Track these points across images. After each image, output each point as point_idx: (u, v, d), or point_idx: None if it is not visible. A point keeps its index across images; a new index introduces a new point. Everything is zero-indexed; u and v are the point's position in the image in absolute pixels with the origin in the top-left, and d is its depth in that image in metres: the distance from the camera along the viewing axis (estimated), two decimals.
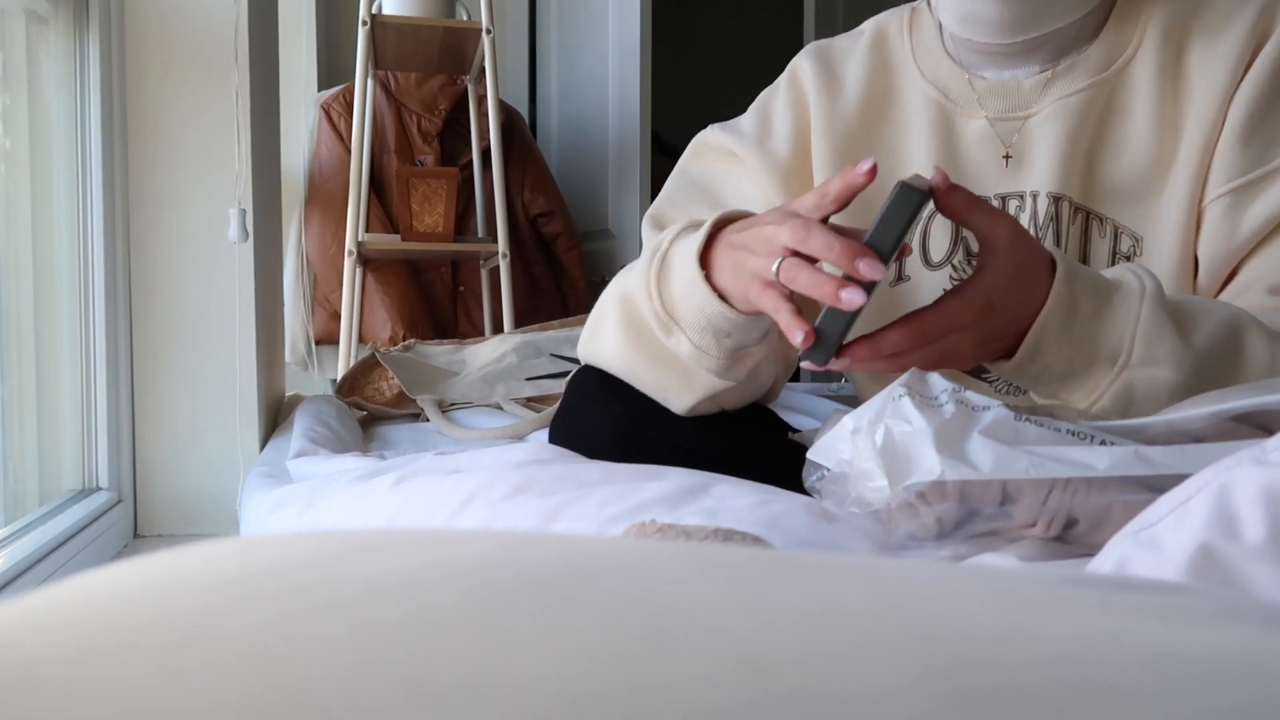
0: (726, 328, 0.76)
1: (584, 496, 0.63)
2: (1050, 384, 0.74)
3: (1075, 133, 0.89)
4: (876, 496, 0.56)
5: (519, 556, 0.22)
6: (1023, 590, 0.23)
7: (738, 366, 0.80)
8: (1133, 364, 0.70)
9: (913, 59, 0.97)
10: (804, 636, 0.18)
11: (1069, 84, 0.89)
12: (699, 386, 0.82)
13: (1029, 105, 0.91)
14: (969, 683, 0.17)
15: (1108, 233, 0.90)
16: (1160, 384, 0.70)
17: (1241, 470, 0.35)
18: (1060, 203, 0.89)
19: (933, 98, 0.95)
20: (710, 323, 0.77)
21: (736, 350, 0.78)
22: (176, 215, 1.61)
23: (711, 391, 0.82)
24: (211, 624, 0.18)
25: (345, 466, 1.01)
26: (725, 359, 0.78)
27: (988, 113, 0.93)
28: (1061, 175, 0.89)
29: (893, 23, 1.01)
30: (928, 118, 0.95)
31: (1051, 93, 0.90)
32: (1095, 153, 0.90)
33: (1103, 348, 0.71)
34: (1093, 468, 0.52)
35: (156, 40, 1.60)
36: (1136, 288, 0.71)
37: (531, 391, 1.68)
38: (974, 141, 0.93)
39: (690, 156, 1.07)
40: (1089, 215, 0.90)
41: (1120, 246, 0.90)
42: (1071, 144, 0.89)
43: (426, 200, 2.27)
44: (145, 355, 1.61)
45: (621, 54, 2.73)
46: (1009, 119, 0.92)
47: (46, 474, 1.49)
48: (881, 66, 0.99)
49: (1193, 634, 0.21)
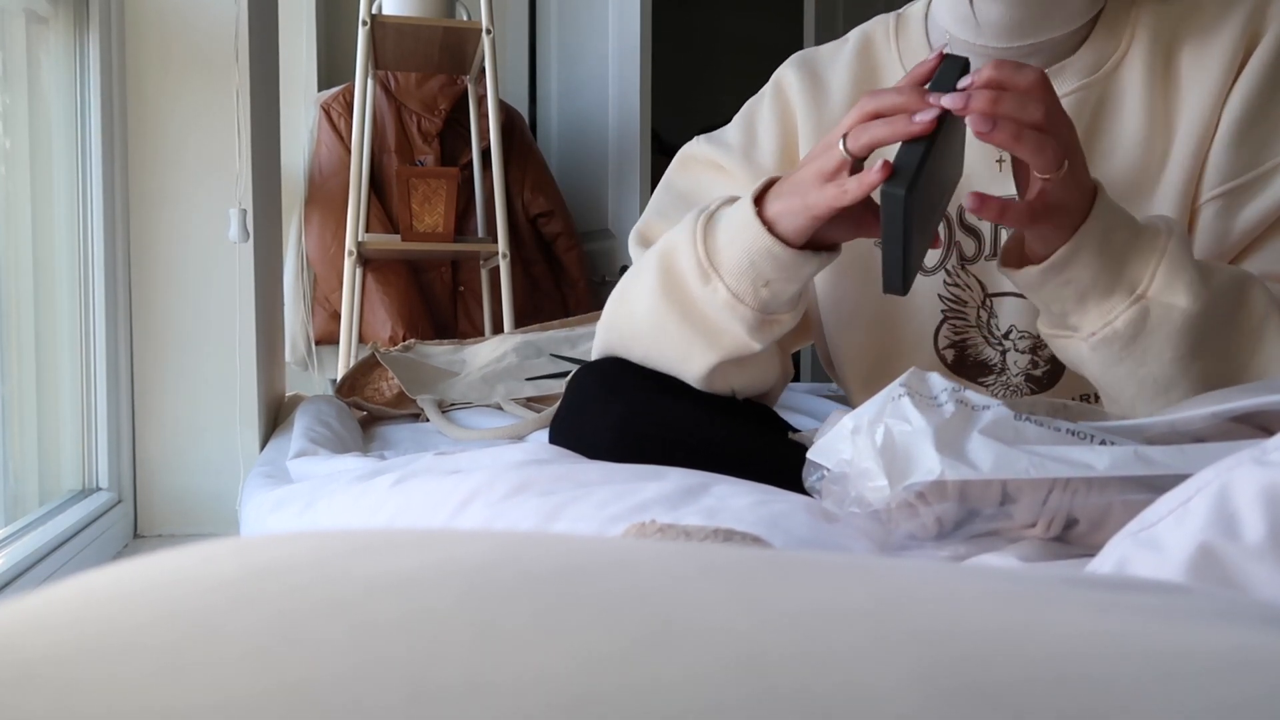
0: (767, 271, 0.78)
1: (584, 496, 0.63)
2: (1066, 301, 0.76)
3: None
4: (876, 496, 0.56)
5: (519, 556, 0.22)
6: (1023, 590, 0.23)
7: (765, 328, 0.82)
8: (1152, 292, 0.73)
9: (900, 64, 0.97)
10: (804, 635, 0.18)
11: (1059, 87, 0.89)
12: (725, 345, 0.83)
13: None
14: (969, 682, 0.17)
15: None
16: (1175, 313, 0.72)
17: (1242, 470, 0.35)
18: None
19: None
20: (753, 264, 0.79)
21: (771, 304, 0.80)
22: (177, 215, 1.61)
23: (734, 353, 0.83)
24: (212, 624, 0.18)
25: (345, 466, 1.01)
26: (758, 311, 0.80)
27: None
28: None
29: (879, 29, 1.01)
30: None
31: None
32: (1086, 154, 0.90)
33: (1127, 271, 0.73)
34: (1093, 467, 0.52)
35: (157, 40, 1.60)
36: (1164, 228, 0.74)
37: (531, 391, 1.68)
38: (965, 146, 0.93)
39: (676, 169, 1.06)
40: None
41: None
42: None
43: (426, 200, 2.27)
44: (145, 355, 1.61)
45: (621, 54, 2.73)
46: None
47: (46, 474, 1.49)
48: (868, 74, 0.99)
49: (1193, 634, 0.21)
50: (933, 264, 0.94)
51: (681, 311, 0.85)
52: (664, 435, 0.83)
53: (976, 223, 0.93)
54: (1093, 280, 0.73)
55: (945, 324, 0.95)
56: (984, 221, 0.92)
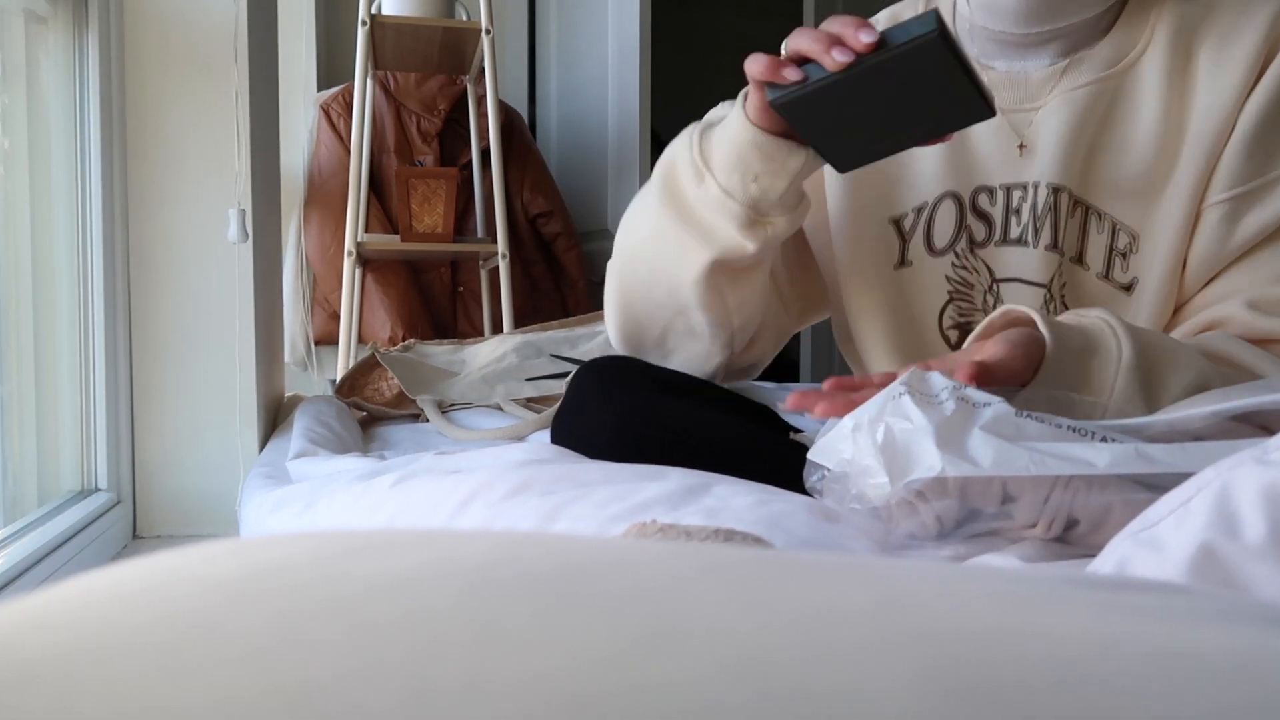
0: (755, 164, 0.82)
1: (584, 496, 0.63)
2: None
3: (1079, 126, 0.90)
4: (877, 494, 0.56)
5: (519, 556, 0.22)
6: (1024, 591, 0.23)
7: (757, 228, 0.85)
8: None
9: None
10: (805, 636, 0.18)
11: (1076, 77, 0.90)
12: (718, 241, 0.87)
13: (1037, 97, 0.93)
14: (970, 683, 0.17)
15: (1105, 228, 0.91)
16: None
17: (1243, 470, 0.35)
18: (1059, 194, 0.90)
19: None
20: (740, 158, 0.83)
21: (761, 201, 0.84)
22: (176, 215, 1.61)
23: (728, 251, 0.87)
24: (211, 624, 0.18)
25: (345, 467, 1.01)
26: (748, 208, 0.84)
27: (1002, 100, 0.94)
28: (1063, 167, 0.90)
29: (907, 11, 1.03)
30: None
31: (1059, 86, 0.91)
32: (1097, 147, 0.91)
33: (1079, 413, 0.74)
34: (1093, 465, 0.52)
35: (156, 40, 1.60)
36: (1115, 354, 0.72)
37: (531, 392, 1.68)
38: (983, 130, 0.94)
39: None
40: (1088, 210, 0.91)
41: (1117, 243, 0.91)
42: (1075, 137, 0.90)
43: (426, 200, 2.27)
44: (144, 356, 1.60)
45: (621, 54, 2.73)
46: (1019, 110, 0.93)
47: (45, 475, 1.49)
48: None
49: (1194, 635, 0.21)
50: (942, 245, 0.96)
51: (678, 213, 0.89)
52: (663, 435, 0.84)
53: (988, 207, 0.94)
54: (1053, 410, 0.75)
55: (951, 305, 0.97)
56: (995, 206, 0.94)
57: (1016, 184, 0.93)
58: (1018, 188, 0.93)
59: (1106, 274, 0.92)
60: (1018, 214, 0.93)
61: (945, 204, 0.95)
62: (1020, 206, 0.92)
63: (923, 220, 0.97)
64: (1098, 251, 0.91)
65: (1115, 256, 0.91)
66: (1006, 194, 0.93)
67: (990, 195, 0.94)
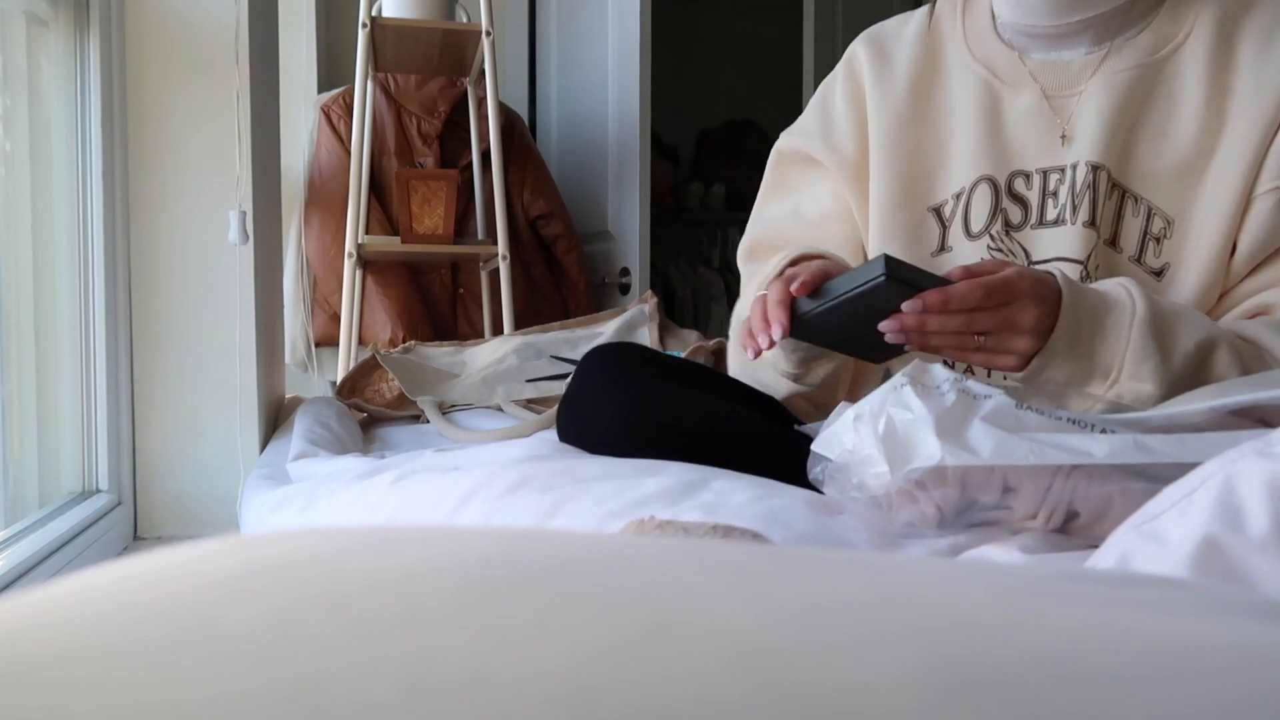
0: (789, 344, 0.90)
1: (583, 492, 0.63)
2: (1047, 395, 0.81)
3: (1120, 109, 0.91)
4: (877, 482, 0.56)
5: (518, 552, 0.22)
6: (1024, 584, 0.23)
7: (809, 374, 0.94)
8: (1122, 379, 0.79)
9: (964, 41, 1.01)
10: (804, 630, 0.18)
11: (1119, 62, 0.93)
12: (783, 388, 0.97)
13: (1078, 83, 0.95)
14: (971, 676, 0.17)
15: (1141, 212, 0.92)
16: (1144, 396, 0.79)
17: (1246, 463, 0.35)
18: (1099, 172, 0.91)
19: (981, 76, 0.99)
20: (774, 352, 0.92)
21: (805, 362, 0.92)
22: (177, 217, 1.61)
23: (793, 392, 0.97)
24: (209, 619, 0.18)
25: (345, 467, 1.01)
26: (797, 368, 0.93)
27: (1037, 88, 0.96)
28: (1103, 147, 0.92)
29: (946, 6, 1.05)
30: (975, 96, 0.98)
31: (1101, 70, 0.93)
32: (1137, 132, 0.92)
33: (1098, 364, 0.79)
34: (1092, 455, 0.52)
35: (157, 42, 1.60)
36: (1129, 310, 0.78)
37: (532, 393, 1.68)
38: (1021, 117, 0.96)
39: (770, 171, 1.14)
40: (1124, 193, 0.92)
41: (1152, 227, 0.92)
42: (1116, 119, 0.91)
43: (426, 202, 2.27)
44: (145, 357, 1.60)
45: (621, 56, 2.73)
46: (1060, 96, 0.95)
47: (46, 476, 1.49)
48: (932, 49, 1.03)
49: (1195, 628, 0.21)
50: (978, 228, 0.98)
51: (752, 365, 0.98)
52: (665, 421, 0.85)
53: (1024, 191, 0.96)
54: (1069, 377, 0.79)
55: None
56: (1031, 190, 0.96)
57: (1054, 168, 0.95)
58: (1055, 171, 0.95)
59: (1139, 258, 0.93)
60: (1054, 196, 0.94)
61: (981, 188, 0.97)
62: (1058, 189, 0.94)
63: (960, 205, 0.99)
64: (1132, 235, 0.93)
65: (1149, 241, 0.92)
66: (1043, 178, 0.95)
67: (1027, 180, 0.96)
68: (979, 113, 0.97)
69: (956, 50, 1.01)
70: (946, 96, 1.01)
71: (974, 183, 0.97)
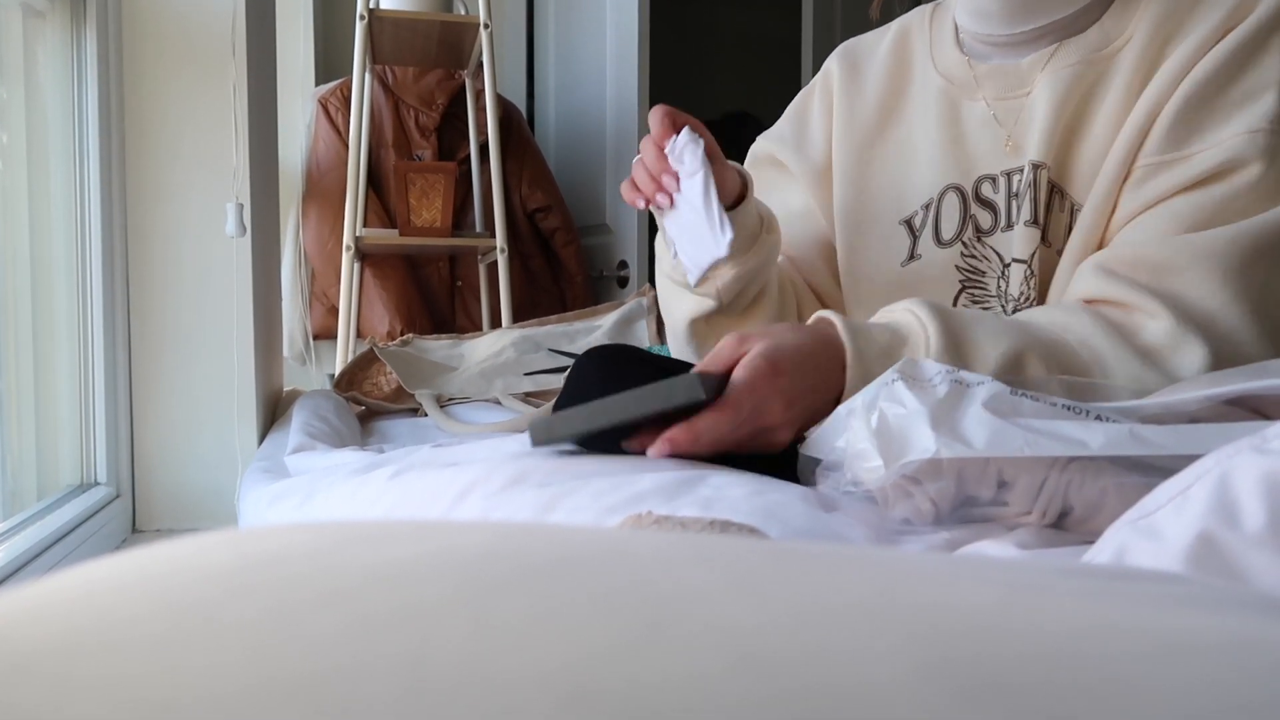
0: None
1: (580, 488, 0.63)
2: None
3: (1061, 105, 0.92)
4: (872, 477, 0.56)
5: (515, 547, 0.22)
6: (1022, 581, 0.23)
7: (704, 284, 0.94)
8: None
9: (929, 52, 1.02)
10: (802, 627, 0.18)
11: (1064, 58, 0.93)
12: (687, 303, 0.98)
13: (1026, 84, 0.95)
14: (969, 673, 0.17)
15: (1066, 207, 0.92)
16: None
17: (1242, 458, 0.35)
18: (1039, 170, 0.92)
19: (941, 87, 1.00)
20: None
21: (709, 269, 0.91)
22: (174, 210, 1.61)
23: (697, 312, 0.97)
24: (207, 615, 0.18)
25: (343, 460, 1.01)
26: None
27: (985, 94, 0.97)
28: (1044, 146, 0.92)
29: (915, 20, 1.06)
30: (937, 107, 0.99)
31: (1049, 67, 0.93)
32: (1073, 129, 0.93)
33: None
34: (1087, 445, 0.52)
35: (154, 35, 1.60)
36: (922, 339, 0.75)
37: (530, 386, 1.68)
38: (976, 124, 0.97)
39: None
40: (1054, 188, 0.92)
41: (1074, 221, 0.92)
42: (1057, 116, 0.92)
43: (424, 195, 2.27)
44: (143, 350, 1.60)
45: (619, 49, 2.73)
46: (1009, 99, 0.96)
47: (45, 469, 1.49)
48: (900, 63, 1.05)
49: (1191, 623, 0.21)
50: (949, 236, 0.98)
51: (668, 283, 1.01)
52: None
53: (992, 195, 0.96)
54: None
55: (964, 293, 0.99)
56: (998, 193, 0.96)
57: (1015, 169, 0.95)
58: (1016, 172, 0.95)
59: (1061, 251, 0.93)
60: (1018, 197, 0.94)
61: (949, 197, 0.98)
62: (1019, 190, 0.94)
63: (930, 215, 0.99)
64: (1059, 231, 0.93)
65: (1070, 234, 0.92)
66: (1008, 180, 0.95)
67: (993, 183, 0.96)
68: (941, 123, 0.99)
69: (922, 62, 1.03)
70: (912, 108, 1.02)
71: (941, 192, 0.98)
